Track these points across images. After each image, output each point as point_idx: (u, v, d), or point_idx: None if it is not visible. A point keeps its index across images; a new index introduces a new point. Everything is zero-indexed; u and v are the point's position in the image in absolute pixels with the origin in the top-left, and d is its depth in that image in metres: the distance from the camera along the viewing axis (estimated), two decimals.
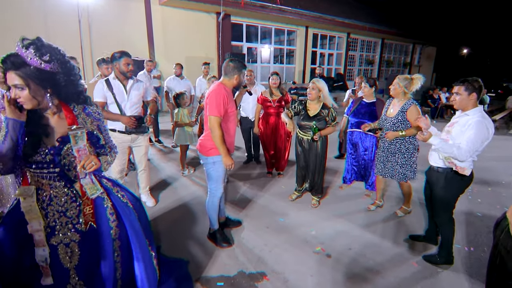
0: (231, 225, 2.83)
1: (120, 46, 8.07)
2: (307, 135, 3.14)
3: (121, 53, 2.71)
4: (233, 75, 2.31)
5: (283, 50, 12.71)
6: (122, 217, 1.53)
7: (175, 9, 9.19)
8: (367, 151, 3.58)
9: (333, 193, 3.75)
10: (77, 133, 1.31)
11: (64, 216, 1.38)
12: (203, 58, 9.76)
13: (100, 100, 2.74)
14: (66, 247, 1.37)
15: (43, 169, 1.33)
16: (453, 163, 2.18)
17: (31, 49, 1.23)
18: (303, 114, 3.16)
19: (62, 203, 1.38)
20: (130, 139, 2.87)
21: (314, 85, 3.05)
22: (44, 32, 7.33)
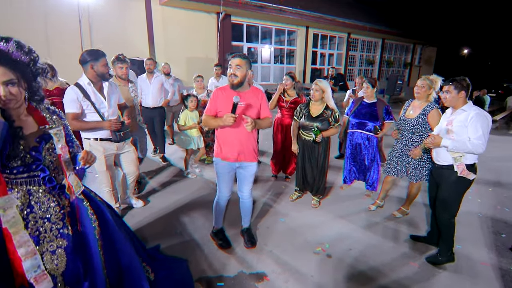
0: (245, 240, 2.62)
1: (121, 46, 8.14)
2: (310, 136, 3.12)
3: (98, 54, 2.38)
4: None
5: (283, 50, 12.71)
6: (100, 216, 1.53)
7: (176, 9, 9.19)
8: (368, 152, 3.57)
9: (333, 193, 3.75)
10: (57, 131, 1.31)
11: (48, 222, 1.33)
12: (204, 58, 9.79)
13: (73, 111, 2.32)
14: (53, 254, 1.33)
15: (23, 173, 1.27)
16: (462, 166, 2.20)
17: (12, 42, 1.21)
18: (306, 115, 3.15)
19: (45, 208, 1.32)
20: (116, 147, 2.63)
21: (317, 86, 3.06)
22: (44, 32, 7.35)
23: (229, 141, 2.29)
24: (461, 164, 2.22)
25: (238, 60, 2.16)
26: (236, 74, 2.16)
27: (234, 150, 2.29)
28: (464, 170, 2.22)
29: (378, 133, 3.46)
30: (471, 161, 2.24)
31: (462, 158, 2.21)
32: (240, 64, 2.15)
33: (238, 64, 2.15)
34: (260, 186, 3.89)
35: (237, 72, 2.16)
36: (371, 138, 3.53)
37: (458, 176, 2.24)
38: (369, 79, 3.54)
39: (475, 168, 2.26)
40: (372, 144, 3.54)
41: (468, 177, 2.22)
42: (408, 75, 18.77)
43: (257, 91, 2.33)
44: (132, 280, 1.58)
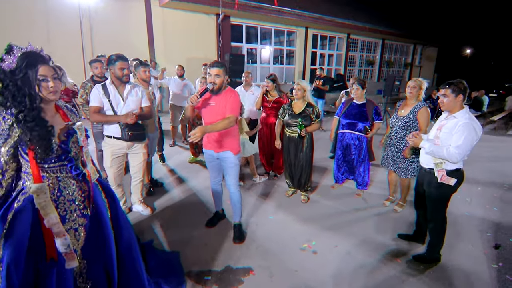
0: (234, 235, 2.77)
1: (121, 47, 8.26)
2: (294, 133, 3.34)
3: (117, 57, 2.59)
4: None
5: (283, 51, 12.78)
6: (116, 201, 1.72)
7: (175, 10, 9.30)
8: (358, 152, 3.65)
9: (324, 192, 3.82)
10: (80, 125, 1.51)
11: (73, 203, 1.51)
12: (203, 59, 9.86)
13: (96, 104, 2.62)
14: (75, 231, 1.51)
15: (55, 163, 1.45)
16: (442, 172, 2.24)
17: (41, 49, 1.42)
18: (289, 113, 3.35)
19: (71, 192, 1.51)
20: (127, 146, 2.76)
21: (299, 86, 3.33)
22: (45, 33, 7.48)
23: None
24: (441, 170, 2.23)
25: (217, 70, 2.35)
26: (216, 82, 2.37)
27: (211, 140, 2.55)
28: (444, 176, 2.22)
29: (368, 133, 3.55)
30: (453, 167, 2.24)
31: (442, 164, 2.22)
32: (218, 73, 2.35)
33: (217, 74, 2.35)
34: (252, 184, 3.98)
35: (216, 80, 2.36)
36: (361, 138, 3.60)
37: (439, 181, 2.27)
38: (359, 80, 3.62)
39: (461, 173, 2.27)
40: (362, 144, 3.62)
41: (449, 183, 2.21)
42: (409, 76, 18.76)
43: (229, 94, 2.48)
44: (133, 259, 1.73)
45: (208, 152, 2.64)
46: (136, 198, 3.08)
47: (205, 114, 2.55)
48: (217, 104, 2.44)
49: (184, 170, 4.39)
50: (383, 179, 4.28)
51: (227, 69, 2.44)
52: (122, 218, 1.72)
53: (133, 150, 2.84)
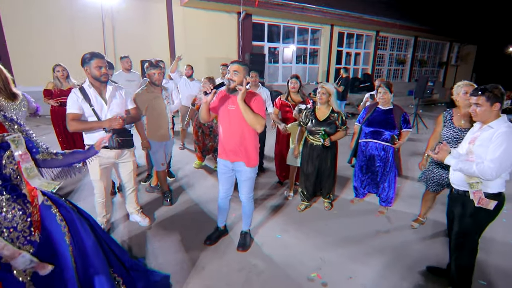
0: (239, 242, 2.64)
1: (142, 47, 8.30)
2: (317, 141, 3.08)
3: (92, 55, 2.27)
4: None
5: (306, 50, 12.31)
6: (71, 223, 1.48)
7: (196, 9, 9.19)
8: (383, 164, 3.21)
9: (342, 207, 3.42)
10: (15, 137, 1.28)
11: (15, 231, 1.30)
12: (224, 59, 9.67)
13: (74, 111, 2.28)
14: None
15: None
16: (479, 194, 1.81)
17: None
18: (312, 119, 3.07)
19: (10, 218, 1.29)
20: (114, 155, 2.51)
21: (324, 89, 3.02)
22: (70, 33, 7.63)
23: (225, 137, 2.34)
24: (478, 191, 1.80)
25: (236, 66, 2.20)
26: (233, 79, 2.19)
27: (228, 147, 2.35)
28: (482, 199, 1.79)
29: (396, 143, 3.09)
30: (494, 190, 1.80)
31: (479, 185, 1.79)
32: (237, 70, 2.18)
33: (236, 70, 2.18)
34: (263, 194, 3.67)
35: (234, 77, 2.19)
36: (387, 149, 3.16)
37: (476, 206, 1.83)
38: (386, 82, 3.18)
39: (502, 197, 1.84)
40: (388, 155, 3.18)
41: (487, 207, 1.79)
42: (444, 76, 17.45)
43: (251, 96, 2.28)
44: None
45: (223, 162, 2.44)
46: (132, 208, 2.87)
47: (223, 118, 2.32)
48: (237, 108, 2.20)
49: (189, 177, 4.17)
50: (411, 193, 3.81)
51: (249, 70, 2.26)
52: (89, 243, 1.49)
53: (122, 159, 2.60)
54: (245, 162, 2.35)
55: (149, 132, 3.08)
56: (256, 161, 2.40)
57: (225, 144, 2.38)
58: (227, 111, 2.28)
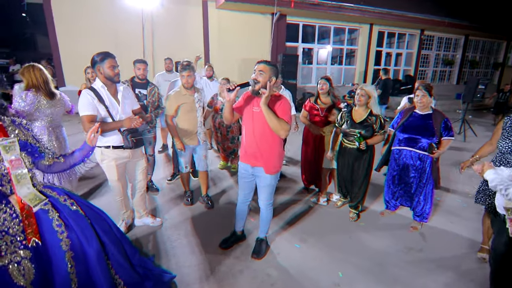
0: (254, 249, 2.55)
1: (179, 49, 8.57)
2: (352, 144, 2.95)
3: (104, 55, 2.26)
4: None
5: (343, 50, 11.84)
6: (73, 227, 1.45)
7: (231, 11, 9.30)
8: (418, 175, 2.91)
9: (370, 219, 3.16)
10: (6, 143, 1.25)
11: (7, 234, 1.30)
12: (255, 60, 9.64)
13: (90, 113, 2.25)
14: (18, 265, 1.30)
15: None
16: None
17: None
18: (348, 121, 2.95)
19: (1, 222, 1.30)
20: (129, 154, 2.52)
21: (363, 91, 2.88)
22: (113, 36, 8.14)
23: (247, 140, 2.27)
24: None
25: (262, 66, 2.10)
26: (258, 80, 2.08)
27: (249, 151, 2.27)
28: None
29: (434, 153, 2.77)
30: None
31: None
32: (263, 70, 2.08)
33: (262, 70, 2.08)
34: (285, 199, 3.53)
35: (259, 78, 2.08)
36: (424, 158, 2.86)
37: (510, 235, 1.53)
38: (425, 84, 2.88)
39: None
40: (425, 165, 2.87)
41: None
42: (499, 78, 15.74)
43: (277, 98, 2.18)
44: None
45: (243, 166, 2.37)
46: (142, 211, 2.86)
47: (246, 120, 2.24)
48: (262, 110, 2.11)
49: (212, 177, 4.16)
50: (452, 209, 3.41)
51: (277, 71, 2.14)
52: (91, 249, 1.46)
53: (136, 158, 2.62)
54: (265, 168, 2.24)
55: (179, 133, 3.05)
56: (277, 168, 2.29)
57: (246, 147, 2.30)
58: (251, 113, 2.19)
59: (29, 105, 2.57)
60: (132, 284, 1.68)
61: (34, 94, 2.59)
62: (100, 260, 1.48)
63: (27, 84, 2.61)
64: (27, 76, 2.59)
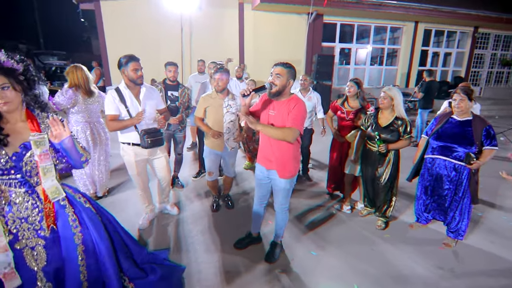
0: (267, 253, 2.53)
1: (215, 51, 8.82)
2: (374, 147, 2.87)
3: (129, 58, 2.39)
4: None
5: (384, 50, 11.23)
6: (86, 223, 1.54)
7: (266, 12, 9.32)
8: (453, 187, 2.66)
9: (397, 231, 2.95)
10: (38, 139, 1.34)
11: (25, 222, 1.40)
12: (289, 61, 9.51)
13: (112, 113, 2.43)
14: (32, 250, 1.41)
15: (3, 176, 1.36)
16: None
17: (2, 53, 1.31)
18: (373, 124, 2.88)
19: (22, 210, 1.40)
20: (147, 152, 2.63)
21: (386, 94, 2.79)
22: (155, 39, 8.64)
23: (262, 143, 2.28)
24: None
25: (279, 69, 2.05)
26: (275, 83, 2.05)
27: (264, 153, 2.27)
28: None
29: (473, 164, 2.51)
30: None
31: None
32: (280, 73, 2.04)
33: (279, 73, 2.04)
34: (306, 203, 3.44)
35: (276, 81, 2.05)
36: (460, 169, 2.60)
37: None
38: (465, 88, 2.61)
39: None
40: (461, 177, 2.61)
41: None
42: None
43: (292, 102, 2.11)
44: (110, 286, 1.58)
45: (259, 168, 2.36)
46: (164, 198, 3.06)
47: (263, 123, 2.23)
48: (277, 114, 2.10)
49: (238, 178, 4.19)
50: (495, 227, 3.06)
51: (295, 73, 2.10)
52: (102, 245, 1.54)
53: (155, 156, 2.73)
54: (278, 172, 2.21)
55: (206, 136, 3.01)
56: (292, 173, 2.23)
57: (262, 150, 2.30)
58: (267, 116, 2.17)
59: (67, 100, 2.91)
60: (136, 278, 1.76)
61: (74, 92, 2.92)
62: (109, 255, 1.56)
63: (70, 83, 2.94)
64: (70, 75, 2.92)
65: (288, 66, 2.07)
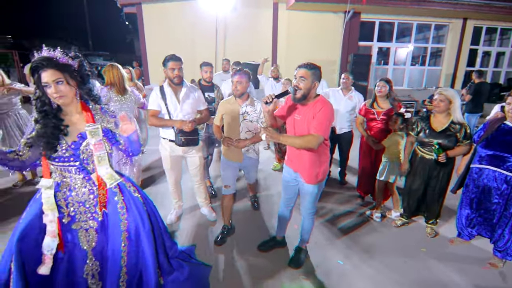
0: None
1: (248, 52, 8.89)
2: (430, 154, 2.64)
3: (169, 57, 2.48)
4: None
5: (426, 49, 10.51)
6: (133, 211, 1.62)
7: (301, 12, 9.18)
8: (504, 201, 2.39)
9: (436, 245, 2.72)
10: (93, 129, 1.46)
11: (82, 206, 1.55)
12: (324, 61, 9.32)
13: (153, 108, 2.57)
14: (86, 231, 1.55)
15: (64, 163, 1.49)
16: None
17: (58, 50, 1.41)
18: (425, 129, 2.66)
19: (81, 194, 1.54)
20: (182, 150, 2.69)
21: (443, 96, 2.56)
22: (191, 40, 8.91)
23: (289, 146, 2.19)
24: None
25: (303, 71, 1.95)
26: (300, 87, 1.95)
27: (291, 156, 2.21)
28: None
29: None
30: None
31: None
32: (304, 76, 1.94)
33: (303, 76, 1.94)
34: (336, 208, 3.31)
35: (300, 85, 1.95)
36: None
37: None
38: None
39: None
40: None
41: None
42: None
43: (318, 105, 2.00)
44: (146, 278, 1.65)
45: (287, 170, 2.30)
46: (202, 199, 3.05)
47: (289, 126, 2.19)
48: (302, 118, 2.02)
49: (264, 178, 4.16)
50: None
51: (320, 74, 2.00)
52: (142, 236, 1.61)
53: (189, 154, 2.77)
54: (305, 177, 2.13)
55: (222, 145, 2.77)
56: (319, 177, 2.13)
57: (289, 152, 2.25)
58: (293, 121, 2.11)
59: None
60: (166, 273, 1.81)
61: (108, 90, 3.08)
62: (150, 245, 1.63)
63: (106, 81, 3.11)
64: (107, 74, 3.09)
65: (312, 67, 1.96)
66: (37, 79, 1.38)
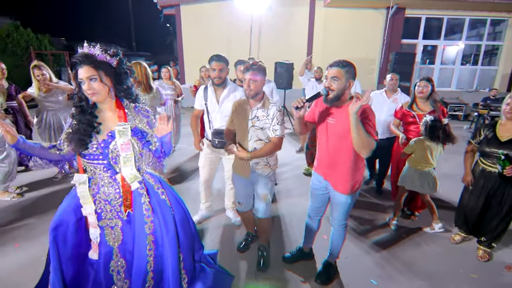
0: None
1: (282, 51, 8.77)
2: (494, 167, 2.33)
3: (211, 57, 2.44)
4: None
5: (479, 47, 9.53)
6: (159, 214, 1.58)
7: (339, 9, 8.83)
8: None
9: (488, 272, 2.37)
10: (121, 128, 1.43)
11: (108, 204, 1.54)
12: (362, 59, 8.87)
13: (197, 108, 2.65)
14: (112, 229, 1.56)
15: (94, 160, 1.49)
16: None
17: (97, 47, 1.41)
18: (489, 137, 2.36)
19: (107, 193, 1.53)
20: (218, 150, 2.64)
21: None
22: (226, 39, 9.01)
23: (320, 152, 2.04)
24: None
25: (335, 71, 1.76)
26: (332, 88, 1.78)
27: (322, 163, 2.03)
28: None
29: None
30: None
31: None
32: (337, 75, 1.75)
33: (335, 76, 1.76)
34: (371, 218, 3.06)
35: (333, 85, 1.77)
36: None
37: None
38: None
39: None
40: None
41: None
42: None
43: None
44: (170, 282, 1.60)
45: (317, 177, 2.11)
46: (230, 204, 2.99)
47: (321, 131, 1.98)
48: (337, 122, 1.84)
49: (293, 182, 3.99)
50: None
51: (354, 72, 1.81)
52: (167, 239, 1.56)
53: (226, 156, 2.69)
54: (338, 186, 1.94)
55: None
56: (354, 187, 1.94)
57: (319, 158, 2.06)
58: (326, 124, 1.91)
59: None
60: (191, 278, 1.75)
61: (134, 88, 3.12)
62: (173, 252, 1.57)
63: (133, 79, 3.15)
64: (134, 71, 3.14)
65: (345, 65, 1.76)
66: (75, 75, 1.39)
